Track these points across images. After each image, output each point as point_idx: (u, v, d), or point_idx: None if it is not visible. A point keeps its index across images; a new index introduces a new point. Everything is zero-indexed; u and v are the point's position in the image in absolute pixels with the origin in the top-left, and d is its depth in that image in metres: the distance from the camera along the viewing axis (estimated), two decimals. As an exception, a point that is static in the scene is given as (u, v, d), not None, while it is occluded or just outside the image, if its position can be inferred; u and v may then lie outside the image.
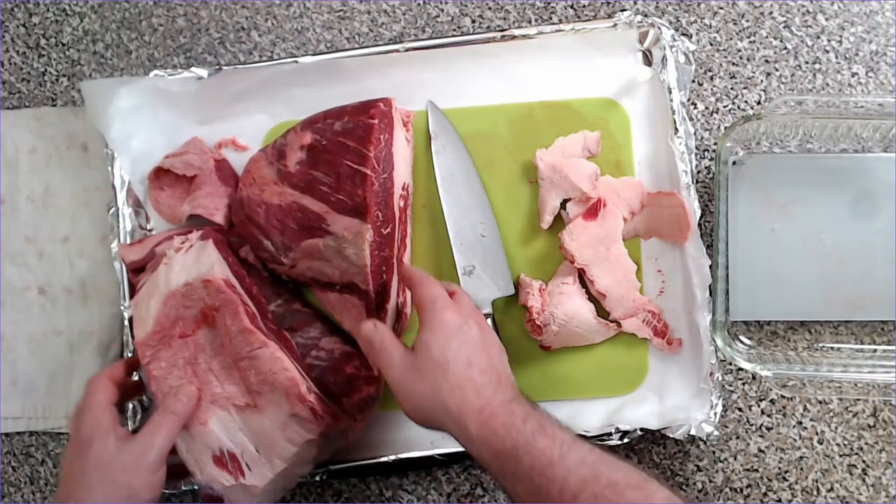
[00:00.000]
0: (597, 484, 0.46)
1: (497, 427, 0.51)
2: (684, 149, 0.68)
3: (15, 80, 0.80)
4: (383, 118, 0.63)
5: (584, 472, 0.47)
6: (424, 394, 0.54)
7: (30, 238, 0.77)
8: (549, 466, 0.48)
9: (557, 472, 0.48)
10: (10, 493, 0.75)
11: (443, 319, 0.56)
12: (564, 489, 0.47)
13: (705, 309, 0.66)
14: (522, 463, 0.49)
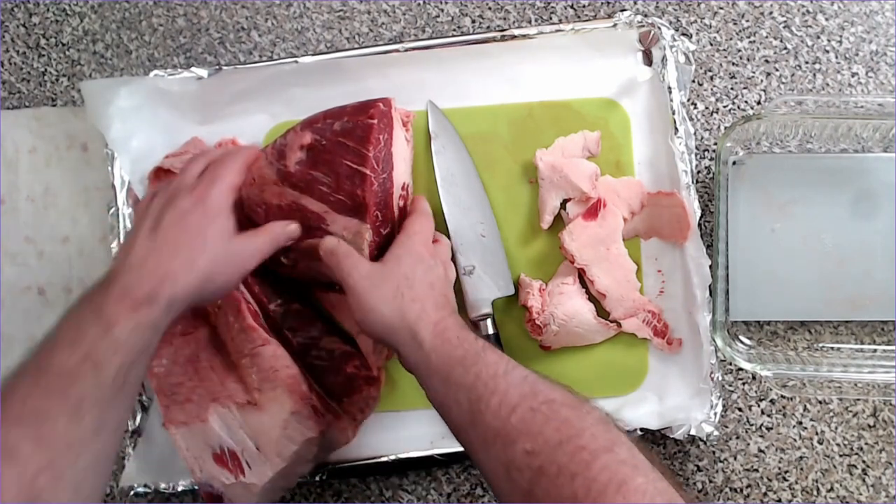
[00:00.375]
0: (535, 399, 0.47)
1: (451, 337, 0.53)
2: (684, 149, 0.68)
3: (15, 80, 0.80)
4: (383, 118, 0.63)
5: (524, 388, 0.49)
6: (384, 299, 0.56)
7: (30, 238, 0.77)
8: (493, 378, 0.49)
9: (500, 384, 0.49)
10: (9, 493, 0.75)
11: (418, 247, 0.60)
12: (504, 401, 0.48)
13: (705, 309, 0.66)
14: (470, 371, 0.50)
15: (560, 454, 0.43)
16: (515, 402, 0.47)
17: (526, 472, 0.44)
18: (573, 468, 0.42)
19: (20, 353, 0.75)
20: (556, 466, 0.43)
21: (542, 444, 0.44)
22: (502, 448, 0.46)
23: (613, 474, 0.41)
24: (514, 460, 0.45)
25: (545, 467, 0.43)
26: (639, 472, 0.42)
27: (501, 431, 0.47)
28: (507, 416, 0.47)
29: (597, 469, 0.42)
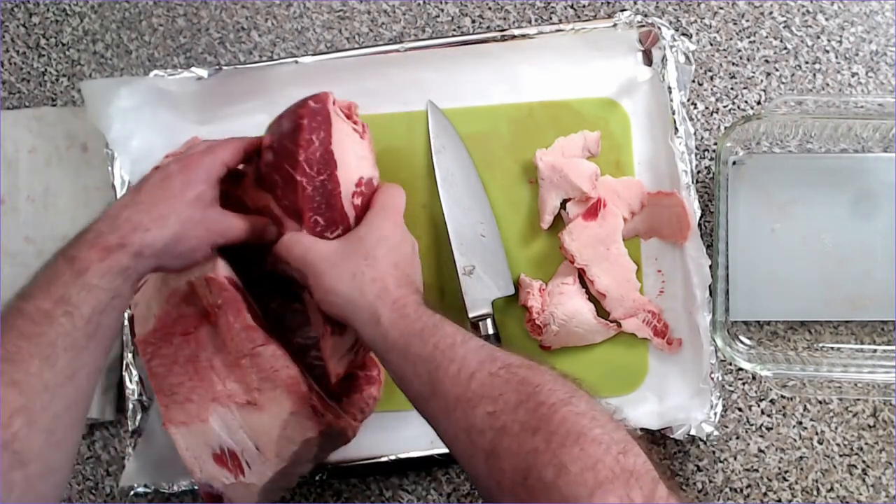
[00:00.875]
0: (493, 364, 0.48)
1: (409, 312, 0.54)
2: (684, 149, 0.68)
3: (15, 80, 0.80)
4: (314, 117, 0.60)
5: (482, 354, 0.49)
6: (343, 276, 0.56)
7: (30, 238, 0.77)
8: (451, 347, 0.50)
9: (458, 352, 0.49)
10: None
11: (385, 224, 0.59)
12: (463, 367, 0.48)
13: (705, 309, 0.66)
14: (428, 343, 0.51)
15: (521, 412, 0.44)
16: (474, 369, 0.48)
17: (488, 434, 0.45)
18: (533, 423, 0.43)
19: (20, 353, 0.75)
20: (518, 424, 0.44)
21: (502, 404, 0.45)
22: (463, 413, 0.47)
23: (572, 426, 0.42)
24: (475, 423, 0.46)
25: (507, 426, 0.44)
26: (596, 422, 0.42)
27: (462, 397, 0.47)
28: (466, 381, 0.47)
29: (556, 422, 0.42)
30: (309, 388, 0.62)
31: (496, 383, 0.47)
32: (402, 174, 0.72)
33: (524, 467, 0.42)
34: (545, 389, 0.45)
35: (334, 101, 0.62)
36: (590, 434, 0.41)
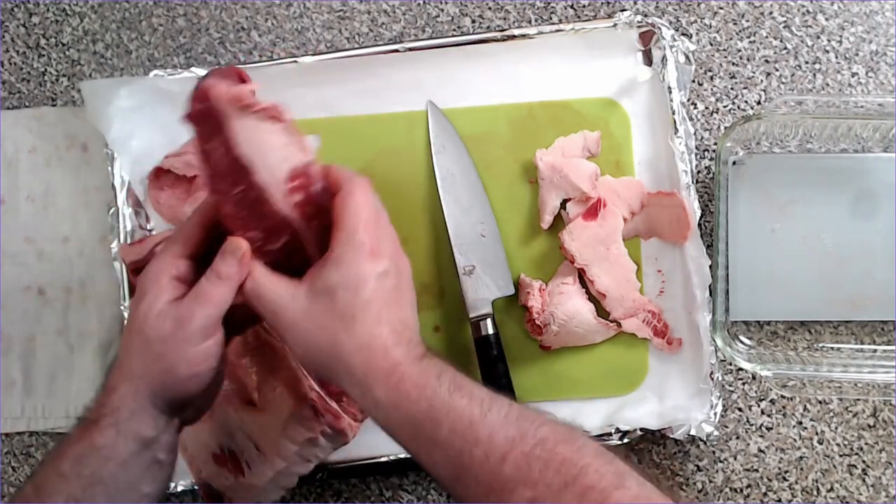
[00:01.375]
0: (524, 442, 0.43)
1: (409, 389, 0.45)
2: (684, 149, 0.68)
3: (15, 80, 0.80)
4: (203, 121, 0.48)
5: (509, 431, 0.43)
6: (321, 348, 0.47)
7: (30, 238, 0.77)
8: (470, 427, 0.44)
9: (481, 432, 0.43)
10: (10, 493, 0.75)
11: (358, 260, 0.47)
12: (490, 451, 0.43)
13: (705, 309, 0.66)
14: (441, 425, 0.44)
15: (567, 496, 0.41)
16: (504, 450, 0.43)
17: None
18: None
19: (20, 353, 0.75)
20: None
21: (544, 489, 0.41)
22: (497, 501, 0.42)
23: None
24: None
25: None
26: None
27: (495, 484, 0.42)
28: (496, 466, 0.42)
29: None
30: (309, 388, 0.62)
31: (533, 464, 0.42)
32: (402, 174, 0.72)
33: None
34: (591, 470, 0.41)
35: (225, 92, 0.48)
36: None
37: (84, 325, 0.75)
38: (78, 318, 0.75)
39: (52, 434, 0.75)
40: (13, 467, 0.76)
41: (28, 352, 0.75)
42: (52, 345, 0.75)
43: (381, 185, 0.67)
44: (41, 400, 0.74)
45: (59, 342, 0.75)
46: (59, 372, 0.75)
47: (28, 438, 0.76)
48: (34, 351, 0.75)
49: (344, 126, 0.73)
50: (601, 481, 0.41)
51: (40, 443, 0.76)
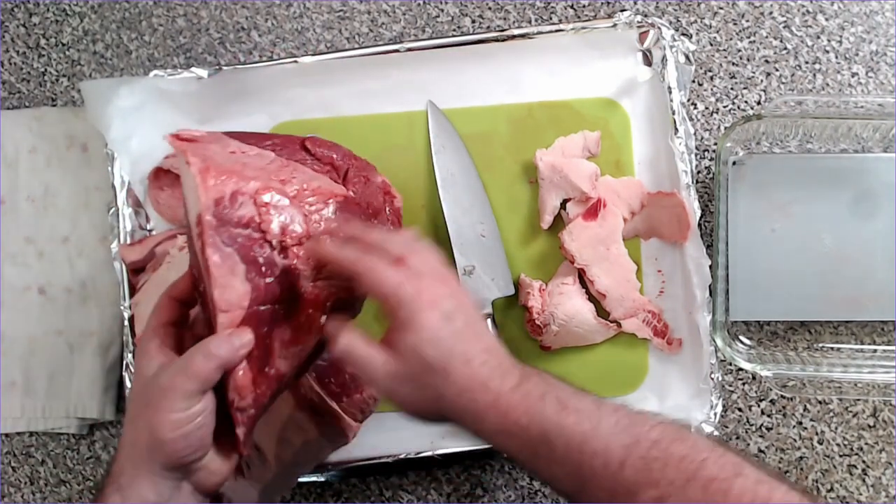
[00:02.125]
0: (640, 447, 0.45)
1: (519, 417, 0.47)
2: (684, 149, 0.68)
3: (15, 80, 0.80)
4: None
5: (622, 438, 0.45)
6: (427, 402, 0.49)
7: (30, 238, 0.76)
8: (585, 443, 0.46)
9: (596, 445, 0.45)
10: (10, 493, 0.75)
11: (422, 319, 0.48)
12: (608, 460, 0.45)
13: (705, 309, 0.66)
14: (556, 446, 0.46)
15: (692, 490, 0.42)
16: (622, 457, 0.45)
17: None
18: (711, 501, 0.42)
19: (20, 353, 0.75)
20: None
21: (667, 487, 0.43)
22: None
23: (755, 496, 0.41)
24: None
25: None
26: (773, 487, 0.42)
27: (619, 489, 0.44)
28: (617, 473, 0.44)
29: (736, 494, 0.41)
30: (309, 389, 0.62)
31: (653, 466, 0.44)
32: (402, 174, 0.72)
33: None
34: (709, 463, 0.43)
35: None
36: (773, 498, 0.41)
37: (84, 325, 0.75)
38: (78, 318, 0.75)
39: (51, 434, 0.75)
40: (13, 467, 0.76)
41: (28, 352, 0.75)
42: (52, 345, 0.75)
43: (381, 185, 0.67)
44: (41, 400, 0.74)
45: (59, 342, 0.75)
46: (59, 372, 0.75)
47: (28, 438, 0.76)
48: (34, 351, 0.75)
49: (344, 126, 0.73)
50: (721, 472, 0.42)
51: (40, 443, 0.76)
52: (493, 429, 0.48)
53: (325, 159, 0.56)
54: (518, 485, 0.72)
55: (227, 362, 0.48)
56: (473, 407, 0.48)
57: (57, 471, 0.75)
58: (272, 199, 0.49)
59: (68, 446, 0.75)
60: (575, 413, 0.47)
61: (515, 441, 0.48)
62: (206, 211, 0.47)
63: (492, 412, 0.48)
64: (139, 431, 0.48)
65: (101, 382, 0.74)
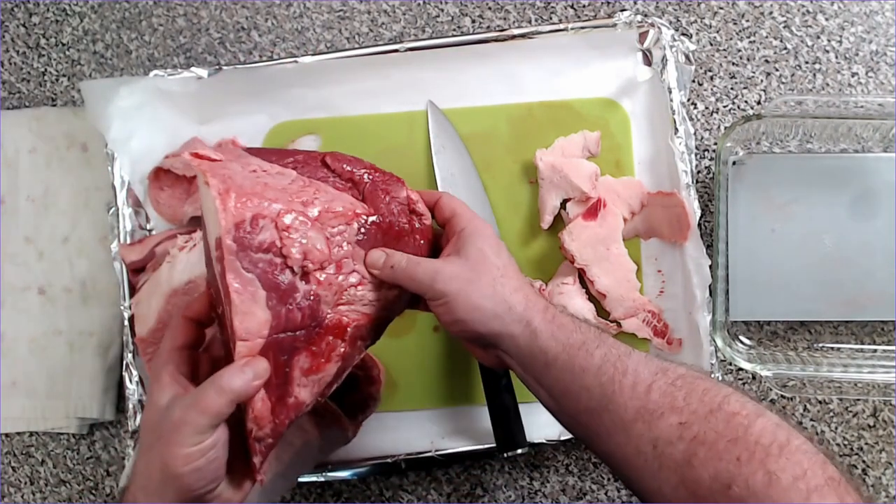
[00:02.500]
0: (667, 376, 0.47)
1: (565, 322, 0.51)
2: (684, 149, 0.68)
3: (15, 80, 0.80)
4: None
5: (652, 365, 0.48)
6: (485, 295, 0.51)
7: (30, 238, 0.77)
8: (620, 359, 0.48)
9: (628, 364, 0.48)
10: (10, 493, 0.75)
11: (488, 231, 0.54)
12: (638, 380, 0.47)
13: (705, 309, 0.66)
14: (594, 355, 0.49)
15: (714, 421, 0.44)
16: (650, 380, 0.47)
17: (679, 444, 0.44)
18: (731, 433, 0.43)
19: (20, 353, 0.75)
20: (714, 433, 0.43)
21: (690, 414, 0.44)
22: (646, 425, 0.46)
23: (774, 436, 0.42)
24: (663, 435, 0.45)
25: (701, 436, 0.43)
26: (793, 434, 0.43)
27: (643, 410, 0.46)
28: (644, 393, 0.46)
29: (756, 432, 0.42)
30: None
31: (678, 394, 0.46)
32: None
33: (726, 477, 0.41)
34: (732, 400, 0.45)
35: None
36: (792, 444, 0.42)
37: (84, 325, 0.75)
38: (78, 318, 0.75)
39: (51, 434, 0.75)
40: (13, 467, 0.76)
41: (28, 352, 0.75)
42: (52, 345, 0.75)
43: (381, 185, 0.67)
44: (41, 400, 0.74)
45: (59, 342, 0.75)
46: (59, 372, 0.75)
47: (28, 438, 0.76)
48: (34, 351, 0.75)
49: (344, 126, 0.73)
50: (743, 409, 0.44)
51: (40, 443, 0.76)
52: (541, 327, 0.51)
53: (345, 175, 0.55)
54: (518, 485, 0.72)
55: (240, 396, 0.47)
56: (526, 304, 0.52)
57: (57, 471, 0.75)
58: (294, 223, 0.48)
59: (68, 446, 0.75)
60: (612, 338, 0.51)
61: (558, 344, 0.50)
62: (227, 235, 0.46)
63: (542, 313, 0.52)
64: (152, 463, 0.47)
65: (101, 382, 0.74)
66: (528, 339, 0.51)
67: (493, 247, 0.54)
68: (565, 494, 0.71)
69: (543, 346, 0.51)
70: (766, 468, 0.41)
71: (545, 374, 0.51)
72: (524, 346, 0.51)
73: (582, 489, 0.71)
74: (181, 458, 0.46)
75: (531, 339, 0.51)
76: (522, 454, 0.67)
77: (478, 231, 0.54)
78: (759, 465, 0.41)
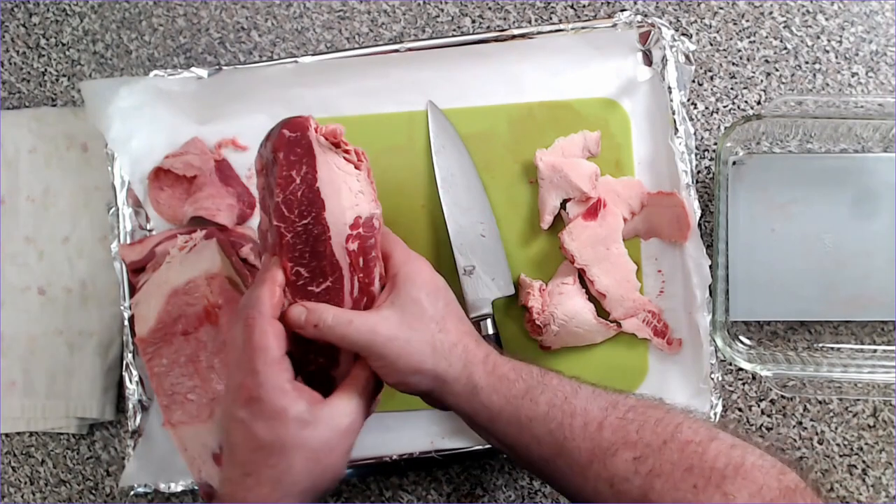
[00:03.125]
0: (617, 410, 0.47)
1: (507, 372, 0.50)
2: (684, 149, 0.68)
3: (15, 80, 0.80)
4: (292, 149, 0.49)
5: (601, 401, 0.48)
6: (423, 351, 0.50)
7: (30, 238, 0.77)
8: (566, 401, 0.48)
9: (576, 404, 0.48)
10: (10, 493, 0.75)
11: (424, 276, 0.52)
12: (588, 420, 0.47)
13: (705, 309, 0.66)
14: (539, 402, 0.48)
15: (668, 452, 0.44)
16: (601, 417, 0.47)
17: (635, 480, 0.44)
18: (686, 462, 0.43)
19: (20, 353, 0.75)
20: (670, 464, 0.43)
21: (644, 448, 0.44)
22: (601, 465, 0.45)
23: (728, 459, 0.42)
24: (618, 472, 0.45)
25: (657, 468, 0.43)
26: (747, 451, 0.43)
27: (597, 450, 0.46)
28: (595, 433, 0.46)
29: (711, 457, 0.43)
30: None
31: (630, 428, 0.46)
32: (402, 174, 0.72)
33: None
34: (685, 427, 0.45)
35: (317, 128, 0.51)
36: (747, 462, 0.42)
37: (84, 325, 0.75)
38: (78, 318, 0.75)
39: (52, 434, 0.75)
40: (13, 467, 0.76)
41: (28, 352, 0.75)
42: (52, 345, 0.75)
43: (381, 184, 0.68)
44: (41, 400, 0.74)
45: (59, 342, 0.75)
46: (59, 372, 0.75)
47: (28, 438, 0.76)
48: (34, 351, 0.75)
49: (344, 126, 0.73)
50: (696, 436, 0.44)
51: (40, 443, 0.76)
52: (482, 384, 0.50)
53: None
54: (518, 485, 0.72)
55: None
56: (465, 359, 0.51)
57: (57, 471, 0.75)
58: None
59: (68, 446, 0.75)
60: (556, 378, 0.50)
61: (500, 397, 0.50)
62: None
63: (482, 366, 0.51)
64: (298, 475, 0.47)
65: (101, 382, 0.74)
66: (470, 396, 0.50)
67: (430, 294, 0.52)
68: (565, 494, 0.71)
69: (486, 401, 0.50)
70: (723, 490, 0.41)
71: (492, 428, 0.51)
72: (466, 403, 0.51)
73: (582, 489, 0.71)
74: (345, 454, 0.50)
75: (472, 395, 0.50)
76: (522, 454, 0.67)
77: (411, 276, 0.52)
78: (715, 490, 0.41)
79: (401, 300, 0.51)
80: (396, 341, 0.50)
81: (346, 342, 0.50)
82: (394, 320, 0.50)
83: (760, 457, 0.43)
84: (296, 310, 0.50)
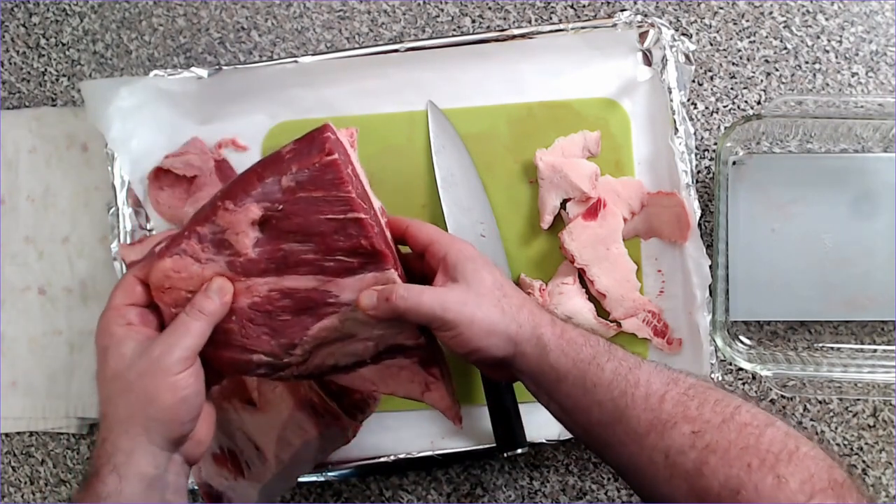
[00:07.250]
0: (678, 386, 0.48)
1: (575, 336, 0.51)
2: (684, 149, 0.68)
3: (15, 80, 0.80)
4: (339, 149, 0.51)
5: (663, 376, 0.48)
6: (493, 316, 0.51)
7: (30, 238, 0.77)
8: (630, 371, 0.49)
9: (640, 375, 0.48)
10: (9, 493, 0.75)
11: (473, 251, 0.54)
12: (650, 392, 0.47)
13: (705, 309, 0.66)
14: (605, 369, 0.49)
15: (726, 431, 0.45)
16: (663, 391, 0.47)
17: (691, 453, 0.45)
18: (743, 441, 0.44)
19: (20, 353, 0.75)
20: (726, 442, 0.44)
21: (703, 424, 0.45)
22: (659, 436, 0.46)
23: (783, 445, 0.43)
24: (675, 444, 0.45)
25: (713, 444, 0.44)
26: (801, 441, 0.44)
27: (656, 421, 0.47)
28: (657, 404, 0.47)
29: (767, 441, 0.44)
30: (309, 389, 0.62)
31: (691, 404, 0.47)
32: (402, 174, 0.72)
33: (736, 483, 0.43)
34: (743, 411, 0.46)
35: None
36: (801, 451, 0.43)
37: (84, 325, 0.75)
38: (78, 318, 0.75)
39: (51, 434, 0.75)
40: (13, 467, 0.76)
41: (28, 352, 0.75)
42: (52, 345, 0.75)
43: (381, 184, 0.68)
44: (41, 400, 0.74)
45: (59, 342, 0.75)
46: (59, 372, 0.75)
47: (28, 438, 0.76)
48: (34, 351, 0.75)
49: (344, 126, 0.73)
50: (754, 419, 0.45)
51: (40, 443, 0.76)
52: (551, 342, 0.51)
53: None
54: (518, 485, 0.72)
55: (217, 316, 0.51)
56: (533, 321, 0.52)
57: (57, 471, 0.75)
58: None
59: (68, 446, 0.75)
60: (621, 350, 0.51)
61: (568, 360, 0.50)
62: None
63: (550, 328, 0.51)
64: (133, 406, 0.48)
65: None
66: (539, 357, 0.51)
67: (484, 265, 0.54)
68: (565, 494, 0.71)
69: (554, 363, 0.51)
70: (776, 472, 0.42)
71: (556, 390, 0.51)
72: (535, 364, 0.51)
73: (582, 489, 0.71)
74: (168, 387, 0.48)
75: (542, 356, 0.51)
76: (522, 454, 0.67)
77: (463, 253, 0.54)
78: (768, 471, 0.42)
79: (459, 274, 0.53)
80: (467, 306, 0.51)
81: (418, 313, 0.51)
82: (459, 290, 0.52)
83: (813, 448, 0.44)
84: (365, 293, 0.52)
